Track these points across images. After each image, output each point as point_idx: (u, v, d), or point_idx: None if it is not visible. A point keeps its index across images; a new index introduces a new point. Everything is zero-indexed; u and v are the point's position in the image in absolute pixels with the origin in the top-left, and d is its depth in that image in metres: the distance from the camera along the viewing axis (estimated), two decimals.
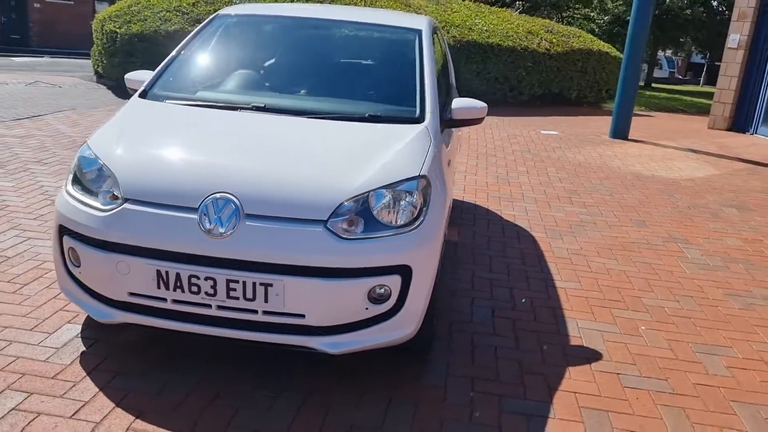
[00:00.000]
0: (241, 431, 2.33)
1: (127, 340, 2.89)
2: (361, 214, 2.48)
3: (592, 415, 2.61)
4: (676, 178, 7.35)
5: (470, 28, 12.41)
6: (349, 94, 3.38)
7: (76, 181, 2.72)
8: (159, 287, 2.45)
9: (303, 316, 2.42)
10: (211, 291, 2.41)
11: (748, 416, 2.70)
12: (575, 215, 5.50)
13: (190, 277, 2.41)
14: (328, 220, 2.42)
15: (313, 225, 2.41)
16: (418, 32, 3.66)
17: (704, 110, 16.99)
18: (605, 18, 26.93)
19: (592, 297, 3.79)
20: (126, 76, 3.52)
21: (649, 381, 2.91)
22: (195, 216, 2.42)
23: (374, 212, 2.49)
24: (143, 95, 3.26)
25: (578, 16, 27.84)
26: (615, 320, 3.50)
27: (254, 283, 2.38)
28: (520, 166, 7.35)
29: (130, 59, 10.63)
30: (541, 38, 13.34)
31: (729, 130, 11.82)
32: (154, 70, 3.42)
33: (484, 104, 3.39)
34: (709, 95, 23.33)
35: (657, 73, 34.31)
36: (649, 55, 28.22)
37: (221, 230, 2.38)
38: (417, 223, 2.54)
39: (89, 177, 2.67)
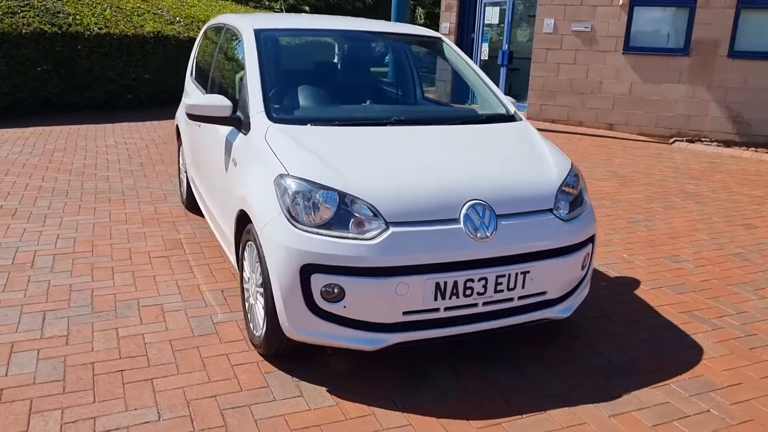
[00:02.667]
0: (553, 398, 2.69)
1: (338, 367, 2.86)
2: (560, 200, 2.97)
3: (690, 315, 3.59)
4: None
5: None
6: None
7: (293, 217, 2.58)
8: (436, 299, 2.60)
9: (545, 292, 2.85)
10: (482, 290, 2.67)
11: (745, 291, 4.00)
12: None
13: (466, 281, 2.62)
14: (553, 208, 2.87)
15: (546, 214, 2.85)
16: (439, 38, 4.06)
17: None
18: (285, 6, 28.66)
19: None
20: (191, 102, 3.20)
21: (678, 287, 4.02)
22: (459, 225, 2.63)
23: (567, 197, 3.01)
24: (271, 120, 3.06)
25: (277, 8, 29.06)
26: (607, 255, 4.56)
27: (516, 274, 2.72)
28: None
29: None
30: None
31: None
32: None
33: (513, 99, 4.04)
34: None
35: None
36: None
37: (488, 233, 2.65)
38: (587, 200, 3.14)
39: (317, 209, 2.58)
